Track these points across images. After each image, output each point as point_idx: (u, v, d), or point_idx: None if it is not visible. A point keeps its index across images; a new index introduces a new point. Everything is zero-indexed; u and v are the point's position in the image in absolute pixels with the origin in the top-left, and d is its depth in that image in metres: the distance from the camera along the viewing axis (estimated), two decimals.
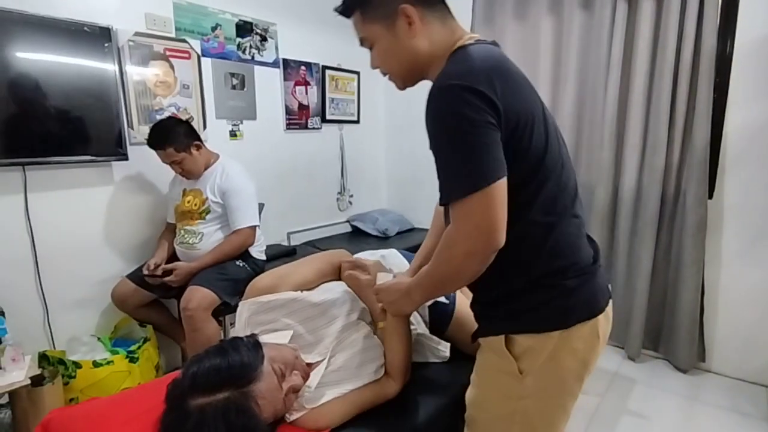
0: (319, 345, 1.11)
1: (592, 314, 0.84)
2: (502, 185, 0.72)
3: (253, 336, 1.03)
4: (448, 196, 0.75)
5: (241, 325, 1.14)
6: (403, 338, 1.11)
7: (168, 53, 2.11)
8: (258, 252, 2.08)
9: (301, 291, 1.19)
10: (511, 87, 0.75)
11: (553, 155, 0.81)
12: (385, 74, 0.94)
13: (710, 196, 2.11)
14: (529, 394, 0.86)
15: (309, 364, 1.07)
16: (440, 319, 1.32)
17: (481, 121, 0.71)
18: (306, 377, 1.02)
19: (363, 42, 0.90)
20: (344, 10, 0.88)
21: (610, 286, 0.93)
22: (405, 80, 0.93)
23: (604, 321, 0.87)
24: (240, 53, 2.42)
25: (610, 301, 0.90)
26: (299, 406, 0.99)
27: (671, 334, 2.26)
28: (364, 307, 1.20)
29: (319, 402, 0.99)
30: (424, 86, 0.90)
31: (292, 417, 0.98)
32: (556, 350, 0.82)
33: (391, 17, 0.83)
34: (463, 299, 1.31)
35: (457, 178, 0.73)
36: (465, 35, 0.87)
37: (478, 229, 0.72)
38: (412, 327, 1.20)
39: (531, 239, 0.81)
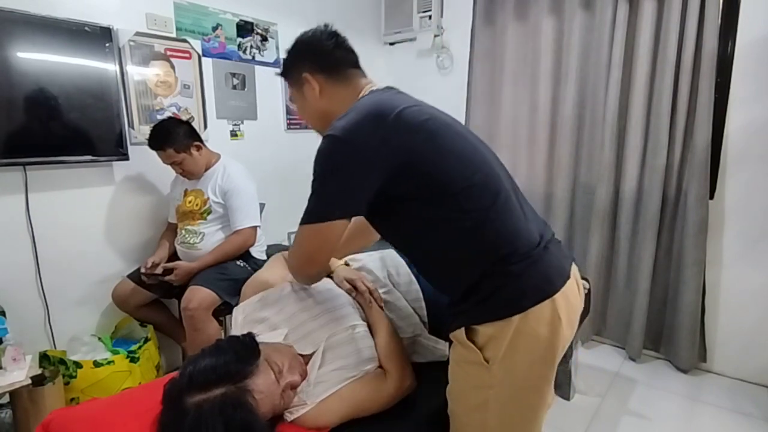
0: (310, 336, 1.09)
1: (546, 295, 0.85)
2: (334, 225, 0.86)
3: (249, 334, 1.03)
4: (302, 218, 0.89)
5: (237, 328, 1.15)
6: (387, 330, 1.12)
7: (169, 53, 2.11)
8: (259, 252, 2.08)
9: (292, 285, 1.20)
10: (388, 127, 0.83)
11: (463, 160, 0.88)
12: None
13: (711, 197, 2.11)
14: (497, 383, 0.88)
15: (302, 355, 1.06)
16: (439, 319, 1.32)
17: (344, 170, 0.84)
18: (304, 375, 1.01)
19: (290, 99, 1.10)
20: (282, 74, 1.08)
21: (573, 264, 0.95)
22: (317, 129, 1.05)
23: (563, 301, 0.86)
24: (241, 53, 2.42)
25: (571, 281, 0.90)
26: (299, 401, 0.98)
27: (672, 334, 2.25)
28: (354, 303, 1.20)
29: (318, 399, 0.98)
30: (427, 88, 0.91)
31: (292, 416, 0.97)
32: (516, 336, 0.84)
33: (300, 82, 1.01)
34: None
35: (307, 208, 0.88)
36: (365, 89, 1.01)
37: (297, 257, 0.95)
38: (409, 331, 1.21)
39: (462, 239, 0.87)
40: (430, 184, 0.85)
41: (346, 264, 1.30)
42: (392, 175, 0.84)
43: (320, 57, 1.00)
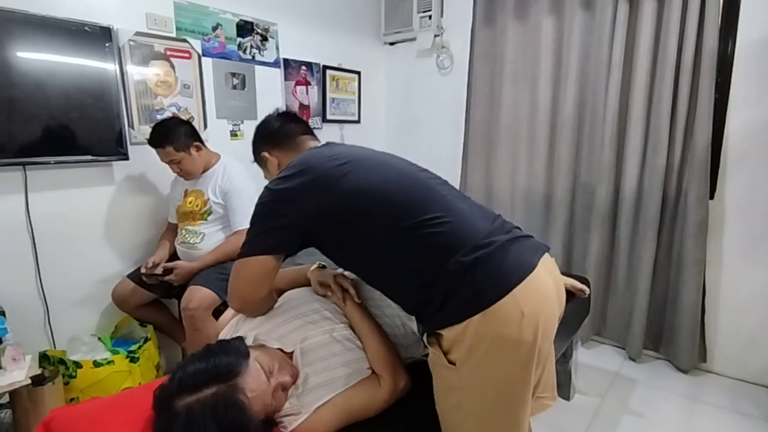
0: (283, 339, 1.07)
1: (503, 291, 0.84)
2: (259, 260, 0.99)
3: (239, 337, 1.03)
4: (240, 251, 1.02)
5: None
6: (374, 332, 1.09)
7: (169, 53, 2.11)
8: None
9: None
10: (306, 177, 0.97)
11: (381, 186, 0.96)
12: None
13: (711, 197, 2.11)
14: (467, 385, 0.90)
15: (286, 353, 1.04)
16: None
17: (270, 214, 0.99)
18: (294, 376, 1.00)
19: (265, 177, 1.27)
20: (254, 161, 1.28)
21: (545, 255, 0.95)
22: None
23: (528, 294, 0.85)
24: (241, 53, 2.42)
25: (537, 273, 0.88)
26: (292, 409, 0.96)
27: (672, 334, 2.25)
28: (334, 308, 1.16)
29: (311, 407, 0.96)
30: (427, 88, 0.92)
31: (290, 427, 0.95)
32: (478, 337, 0.85)
33: (264, 161, 1.22)
34: None
35: (244, 244, 1.02)
36: (308, 149, 1.16)
37: (229, 289, 1.06)
38: (395, 328, 1.18)
39: (405, 252, 0.93)
40: (353, 214, 0.95)
41: (322, 267, 1.27)
42: (315, 214, 0.96)
43: (271, 136, 1.22)
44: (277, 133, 1.22)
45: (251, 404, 0.86)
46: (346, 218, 0.96)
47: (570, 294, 1.67)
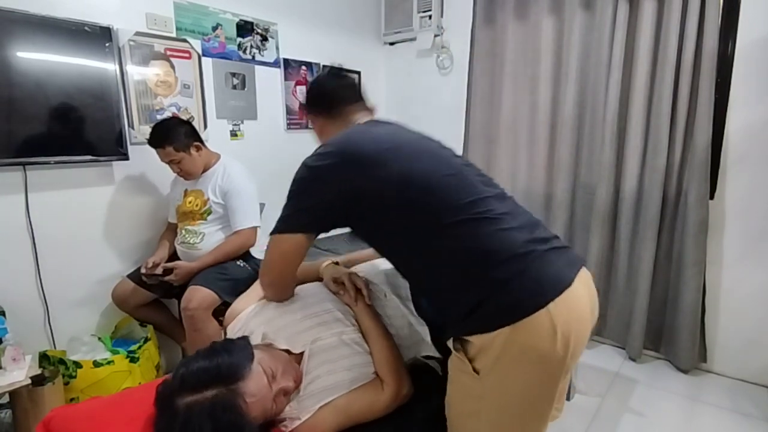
0: (294, 338, 1.05)
1: (537, 305, 0.80)
2: (293, 238, 0.99)
3: (244, 337, 1.02)
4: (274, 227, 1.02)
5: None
6: (381, 336, 1.08)
7: (169, 53, 2.11)
8: (259, 252, 2.07)
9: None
10: (351, 159, 0.95)
11: (435, 177, 0.92)
12: None
13: (711, 197, 2.11)
14: (488, 394, 0.87)
15: (293, 354, 1.03)
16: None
17: (304, 193, 0.99)
18: (298, 381, 0.99)
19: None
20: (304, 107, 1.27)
21: (582, 270, 0.90)
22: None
23: (562, 310, 0.81)
24: (241, 53, 2.42)
25: (574, 288, 0.84)
26: (291, 413, 0.96)
27: (672, 334, 2.25)
28: (345, 309, 1.15)
29: (312, 409, 0.96)
30: (427, 88, 0.91)
31: (289, 428, 0.95)
32: (506, 348, 0.82)
33: (312, 118, 1.22)
34: None
35: (279, 219, 1.01)
36: (353, 123, 1.13)
37: (262, 266, 1.07)
38: (399, 328, 1.16)
39: (441, 251, 0.89)
40: (390, 203, 0.92)
41: (336, 264, 1.24)
42: (349, 197, 0.94)
43: (319, 99, 1.19)
44: (324, 98, 1.18)
45: (250, 409, 0.86)
46: (383, 206, 0.93)
47: None
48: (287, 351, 1.03)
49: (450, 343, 0.93)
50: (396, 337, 1.13)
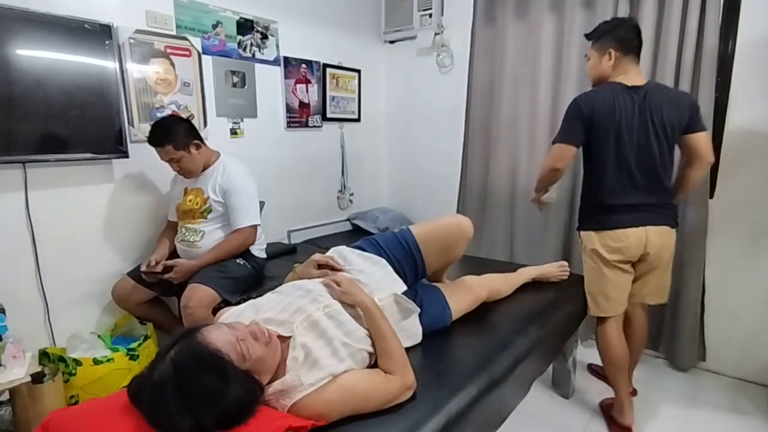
0: (282, 325, 1.09)
1: (606, 227, 1.67)
2: (563, 147, 1.66)
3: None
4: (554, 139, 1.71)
5: None
6: (390, 332, 1.14)
7: (169, 51, 2.11)
8: (259, 250, 2.08)
9: None
10: (598, 105, 1.61)
11: (618, 138, 1.61)
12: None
13: (711, 196, 2.11)
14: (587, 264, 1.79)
15: (280, 336, 1.06)
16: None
17: (572, 116, 1.65)
18: (267, 337, 1.00)
19: (586, 55, 1.81)
20: (590, 36, 1.78)
21: (650, 225, 1.65)
22: (591, 82, 1.81)
23: (604, 237, 1.68)
24: (241, 51, 2.42)
25: (633, 230, 1.64)
26: (292, 380, 0.97)
27: (672, 333, 2.26)
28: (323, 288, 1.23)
29: (316, 380, 0.98)
30: (427, 86, 0.90)
31: (291, 401, 0.96)
32: (591, 242, 1.73)
33: (603, 51, 1.70)
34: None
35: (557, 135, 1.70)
36: (620, 76, 1.65)
37: (546, 160, 1.76)
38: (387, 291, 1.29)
39: (593, 177, 1.73)
40: (601, 143, 1.63)
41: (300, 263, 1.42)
42: (586, 128, 1.63)
43: (625, 43, 1.63)
44: (629, 44, 1.64)
45: (212, 339, 0.91)
46: (597, 140, 1.63)
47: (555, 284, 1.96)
48: (279, 336, 1.06)
49: (577, 233, 1.85)
50: (373, 282, 1.30)
